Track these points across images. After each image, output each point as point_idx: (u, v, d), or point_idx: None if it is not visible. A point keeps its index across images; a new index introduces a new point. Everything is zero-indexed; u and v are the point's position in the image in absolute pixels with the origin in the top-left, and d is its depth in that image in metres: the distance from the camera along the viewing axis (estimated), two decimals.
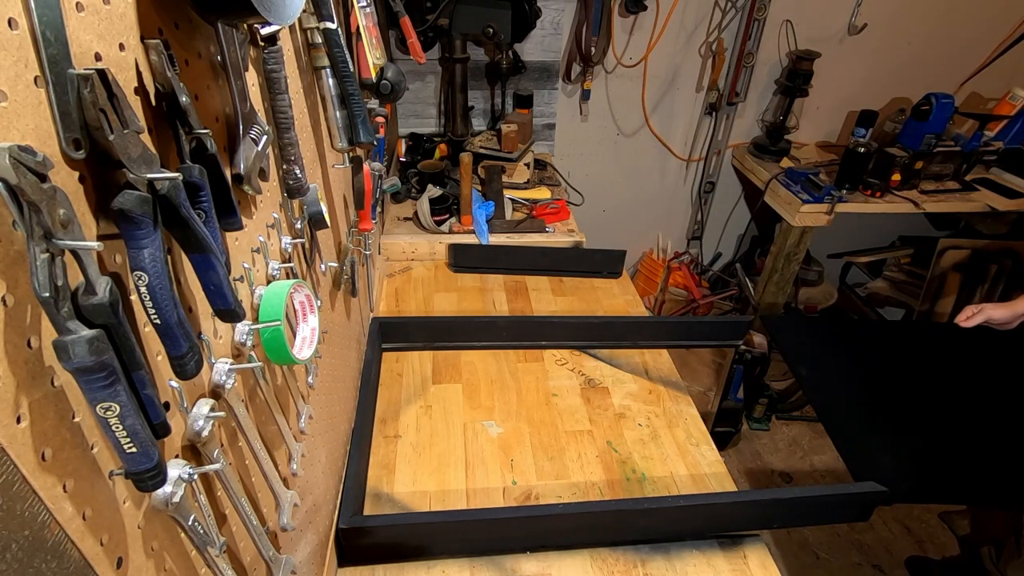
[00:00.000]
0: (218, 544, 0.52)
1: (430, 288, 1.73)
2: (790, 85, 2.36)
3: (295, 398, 0.82)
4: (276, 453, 0.74)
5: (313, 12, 0.80)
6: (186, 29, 0.51)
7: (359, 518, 0.99)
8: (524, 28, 2.05)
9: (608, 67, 2.38)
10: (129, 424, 0.36)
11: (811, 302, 2.72)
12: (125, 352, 0.37)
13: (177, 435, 0.50)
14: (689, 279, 2.68)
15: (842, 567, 2.04)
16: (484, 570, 1.03)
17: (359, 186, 1.12)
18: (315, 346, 0.71)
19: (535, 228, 1.84)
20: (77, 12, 0.37)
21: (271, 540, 0.69)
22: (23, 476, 0.33)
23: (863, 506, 1.09)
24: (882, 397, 1.35)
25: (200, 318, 0.54)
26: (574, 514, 1.00)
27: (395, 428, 1.28)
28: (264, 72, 0.67)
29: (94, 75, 0.35)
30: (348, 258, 1.13)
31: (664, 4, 2.23)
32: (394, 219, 1.89)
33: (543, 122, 2.44)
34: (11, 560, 0.32)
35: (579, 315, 1.58)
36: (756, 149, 2.56)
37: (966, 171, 2.31)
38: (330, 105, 0.88)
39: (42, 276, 0.32)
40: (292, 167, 0.74)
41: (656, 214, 2.83)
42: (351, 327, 1.26)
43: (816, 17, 2.35)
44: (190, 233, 0.44)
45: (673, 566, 1.04)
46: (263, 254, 0.69)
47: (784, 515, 1.08)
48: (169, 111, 0.46)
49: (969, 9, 2.39)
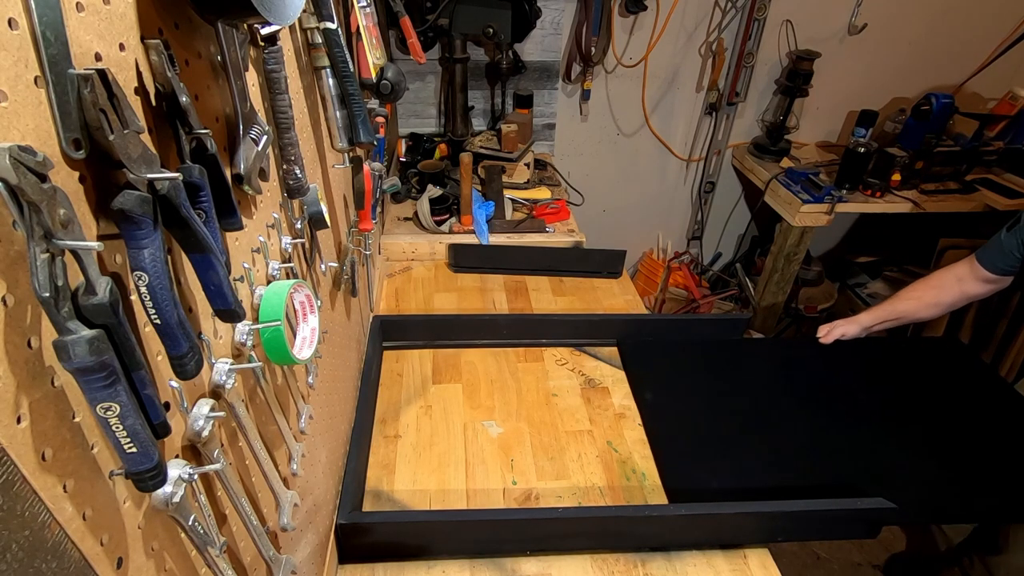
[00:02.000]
0: (218, 544, 0.52)
1: (430, 288, 1.73)
2: (790, 85, 2.36)
3: (295, 398, 0.82)
4: (276, 453, 0.74)
5: (313, 12, 0.80)
6: (186, 29, 0.51)
7: (358, 514, 0.99)
8: (524, 28, 2.05)
9: (608, 67, 2.38)
10: (129, 424, 0.36)
11: (811, 302, 2.72)
12: (125, 352, 0.37)
13: (177, 435, 0.50)
14: (689, 279, 2.68)
15: (842, 567, 2.04)
16: (484, 570, 1.03)
17: (359, 186, 1.12)
18: (315, 346, 0.71)
19: (535, 228, 1.84)
20: (77, 12, 0.37)
21: (271, 540, 0.69)
22: (23, 476, 0.33)
23: (871, 522, 1.07)
24: (718, 419, 1.31)
25: (200, 318, 0.54)
26: (574, 518, 1.00)
27: (395, 428, 1.28)
28: (264, 72, 0.67)
29: (94, 75, 0.35)
30: (348, 258, 1.13)
31: (664, 4, 2.23)
32: (394, 219, 1.89)
33: (543, 122, 2.44)
34: (11, 560, 0.32)
35: (579, 313, 1.58)
36: (756, 149, 2.56)
37: (966, 171, 2.31)
38: (330, 105, 0.88)
39: (42, 276, 0.32)
40: (292, 167, 0.74)
41: (656, 214, 2.83)
42: (351, 327, 1.26)
43: (816, 17, 2.35)
44: (190, 233, 0.44)
45: (673, 566, 1.04)
46: (263, 254, 0.69)
47: (789, 528, 1.07)
48: (169, 111, 0.46)
49: (969, 9, 2.39)
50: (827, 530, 1.17)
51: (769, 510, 1.03)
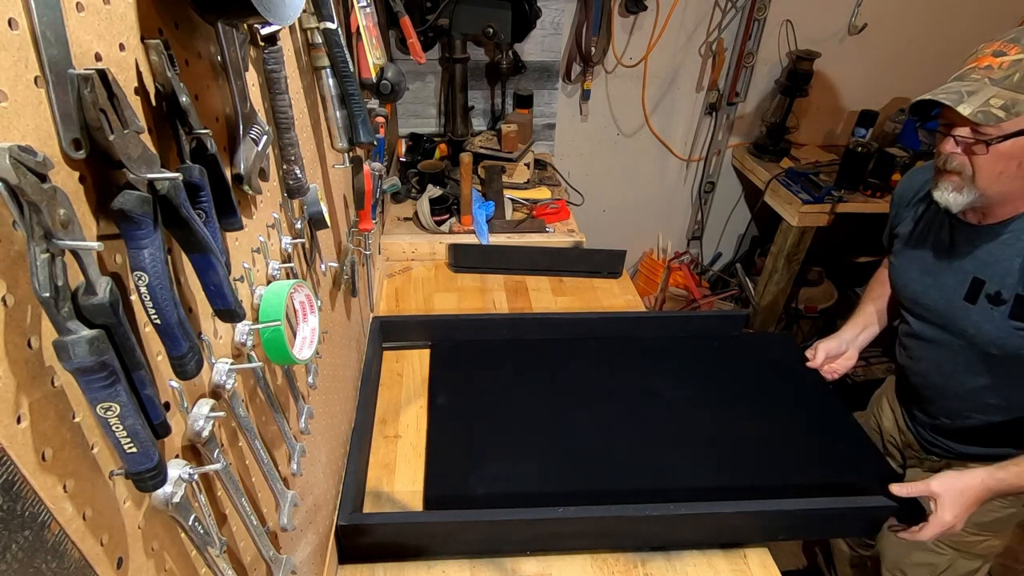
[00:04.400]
0: (218, 544, 0.52)
1: (430, 288, 1.73)
2: (790, 85, 2.36)
3: (295, 398, 0.82)
4: (276, 453, 0.74)
5: (313, 12, 0.80)
6: (186, 29, 0.51)
7: (358, 515, 0.99)
8: (524, 28, 2.05)
9: (608, 67, 2.38)
10: (129, 424, 0.36)
11: (811, 302, 2.72)
12: (125, 352, 0.37)
13: (177, 435, 0.50)
14: (689, 279, 2.68)
15: None
16: (484, 570, 1.03)
17: (359, 186, 1.12)
18: (315, 346, 0.71)
19: (535, 228, 1.84)
20: (77, 12, 0.37)
21: (271, 540, 0.69)
22: (23, 476, 0.33)
23: (872, 521, 1.07)
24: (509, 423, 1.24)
25: (200, 318, 0.54)
26: (574, 519, 1.00)
27: (395, 428, 1.28)
28: (264, 72, 0.67)
29: (94, 75, 0.35)
30: (348, 258, 1.13)
31: (664, 4, 2.23)
32: (394, 219, 1.89)
33: (543, 122, 2.44)
34: (11, 560, 0.32)
35: (578, 311, 1.58)
36: (756, 149, 2.56)
37: None
38: (330, 105, 0.88)
39: (42, 276, 0.32)
40: (292, 167, 0.74)
41: (656, 214, 2.83)
42: (351, 327, 1.26)
43: (816, 17, 2.35)
44: (190, 233, 0.44)
45: (673, 566, 1.04)
46: (263, 254, 0.69)
47: (790, 527, 1.07)
48: (169, 111, 0.46)
49: (969, 9, 2.39)
50: (828, 529, 1.16)
51: (770, 509, 1.03)
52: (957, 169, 1.01)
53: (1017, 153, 0.95)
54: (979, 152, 0.97)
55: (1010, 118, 0.92)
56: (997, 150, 0.95)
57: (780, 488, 1.10)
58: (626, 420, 1.26)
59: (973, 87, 0.95)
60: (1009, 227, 1.04)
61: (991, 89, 0.94)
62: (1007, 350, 1.05)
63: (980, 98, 0.93)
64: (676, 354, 1.45)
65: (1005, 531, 1.27)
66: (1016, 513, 1.22)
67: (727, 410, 1.29)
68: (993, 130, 0.94)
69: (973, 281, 1.08)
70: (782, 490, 1.09)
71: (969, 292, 1.09)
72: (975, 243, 1.08)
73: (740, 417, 1.27)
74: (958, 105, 0.94)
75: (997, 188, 0.99)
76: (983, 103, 0.92)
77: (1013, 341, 1.04)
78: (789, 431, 1.25)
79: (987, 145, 0.95)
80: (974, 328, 1.08)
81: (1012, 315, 1.03)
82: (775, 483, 1.12)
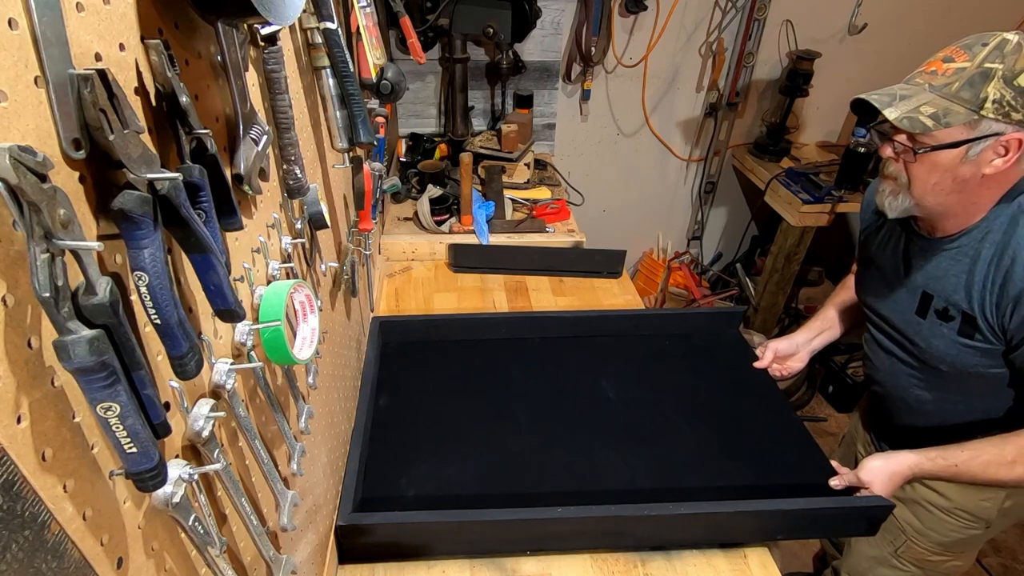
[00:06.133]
0: (218, 544, 0.52)
1: (430, 288, 1.73)
2: (790, 85, 2.36)
3: (295, 398, 0.82)
4: (276, 453, 0.74)
5: (313, 12, 0.80)
6: (186, 29, 0.51)
7: (358, 515, 0.99)
8: (524, 28, 2.05)
9: (608, 67, 2.38)
10: (129, 424, 0.36)
11: (811, 302, 2.72)
12: (125, 352, 0.37)
13: (177, 435, 0.50)
14: (689, 279, 2.68)
15: None
16: (484, 570, 1.03)
17: (359, 186, 1.12)
18: (315, 346, 0.71)
19: (535, 228, 1.85)
20: (77, 12, 0.37)
21: (271, 540, 0.69)
22: (23, 476, 0.33)
23: (871, 520, 1.07)
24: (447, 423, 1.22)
25: (200, 318, 0.54)
26: (574, 518, 1.00)
27: None
28: (264, 72, 0.67)
29: (94, 75, 0.35)
30: (348, 258, 1.13)
31: (664, 4, 2.23)
32: (394, 219, 1.89)
33: (543, 122, 2.44)
34: (11, 560, 0.32)
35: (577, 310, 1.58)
36: (756, 149, 2.56)
37: None
38: (330, 105, 0.88)
39: (42, 276, 0.32)
40: (292, 167, 0.74)
41: (656, 214, 2.83)
42: (351, 327, 1.26)
43: (816, 17, 2.35)
44: (190, 233, 0.44)
45: (673, 566, 1.04)
46: (263, 254, 0.69)
47: (789, 527, 1.07)
48: (169, 111, 0.46)
49: (969, 9, 2.39)
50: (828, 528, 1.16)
51: (769, 508, 1.03)
52: (893, 174, 0.98)
53: (949, 166, 0.91)
54: (908, 160, 0.94)
55: (938, 128, 0.88)
56: (928, 159, 0.92)
57: (723, 489, 1.09)
58: (568, 421, 1.24)
59: (909, 92, 0.91)
60: (956, 242, 1.01)
61: (926, 95, 0.89)
62: (956, 367, 1.03)
63: (910, 104, 0.89)
64: (623, 353, 1.43)
65: (969, 552, 1.25)
66: (979, 535, 1.20)
67: (671, 409, 1.28)
68: (927, 139, 0.90)
69: (923, 295, 1.05)
70: (724, 491, 1.08)
71: (920, 306, 1.06)
72: (927, 256, 1.05)
73: (684, 415, 1.26)
74: (885, 108, 0.90)
75: (933, 199, 0.96)
76: (912, 109, 0.89)
77: (961, 359, 1.02)
78: (730, 431, 1.23)
79: (915, 153, 0.92)
80: (924, 343, 1.06)
81: (960, 332, 1.00)
82: (721, 484, 1.11)
